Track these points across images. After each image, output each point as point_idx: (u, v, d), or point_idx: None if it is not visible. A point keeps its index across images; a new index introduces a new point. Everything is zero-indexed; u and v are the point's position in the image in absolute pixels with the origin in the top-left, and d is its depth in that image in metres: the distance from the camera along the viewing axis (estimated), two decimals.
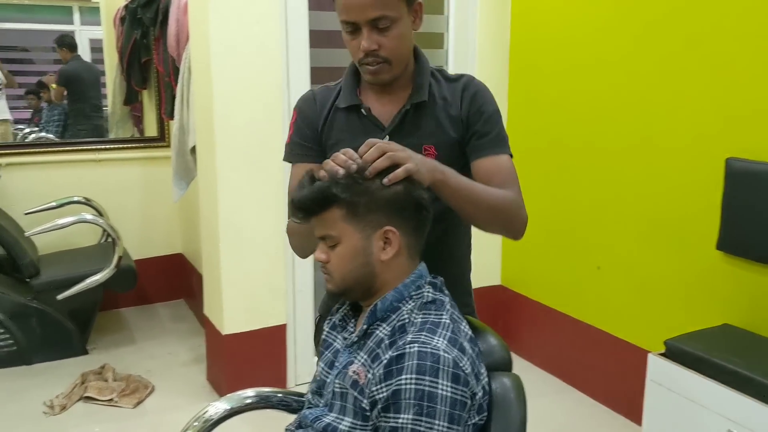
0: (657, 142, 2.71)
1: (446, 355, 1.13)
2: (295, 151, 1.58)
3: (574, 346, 3.23)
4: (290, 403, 1.51)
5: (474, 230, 3.60)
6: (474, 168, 1.50)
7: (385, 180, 1.21)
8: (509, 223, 1.51)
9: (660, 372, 2.28)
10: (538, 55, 3.30)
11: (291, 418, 1.48)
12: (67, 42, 4.81)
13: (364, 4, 1.38)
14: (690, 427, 2.18)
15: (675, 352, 2.26)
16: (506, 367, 1.32)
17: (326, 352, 1.37)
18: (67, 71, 4.87)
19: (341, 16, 1.43)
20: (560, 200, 3.23)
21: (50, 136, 4.75)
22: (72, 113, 4.91)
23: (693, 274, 2.59)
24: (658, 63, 2.67)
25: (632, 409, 2.84)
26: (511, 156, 1.53)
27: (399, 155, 1.23)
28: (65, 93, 4.87)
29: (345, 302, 1.41)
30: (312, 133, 1.57)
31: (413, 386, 1.10)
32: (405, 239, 1.25)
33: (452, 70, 3.41)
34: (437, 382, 1.11)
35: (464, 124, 1.52)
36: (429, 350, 1.13)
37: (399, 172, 1.21)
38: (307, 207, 1.24)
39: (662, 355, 2.30)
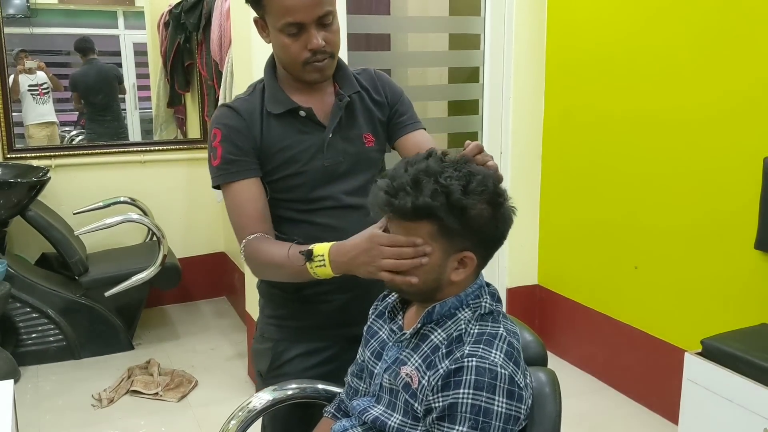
0: (694, 141, 2.70)
1: (503, 371, 1.15)
2: (232, 170, 1.49)
3: (611, 345, 3.23)
4: (333, 395, 1.56)
5: (511, 229, 3.59)
6: (403, 141, 1.63)
7: (490, 163, 1.24)
8: None
9: (697, 371, 2.27)
10: (575, 56, 3.31)
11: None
12: (79, 47, 4.91)
13: (312, 3, 1.39)
14: (727, 427, 2.17)
15: (712, 352, 2.25)
16: (541, 362, 1.35)
17: (372, 341, 1.38)
18: (74, 76, 5.00)
19: (284, 19, 1.40)
20: (597, 199, 3.23)
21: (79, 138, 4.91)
22: (86, 116, 5.04)
23: (731, 274, 2.59)
24: (695, 62, 2.67)
25: (669, 408, 2.84)
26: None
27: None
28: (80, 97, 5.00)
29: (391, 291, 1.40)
30: (247, 144, 1.49)
31: (470, 401, 1.13)
32: (478, 262, 1.24)
33: (489, 70, 3.44)
34: (493, 399, 1.13)
35: (388, 107, 1.63)
36: (487, 366, 1.14)
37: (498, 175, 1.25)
38: (403, 212, 1.18)
39: (699, 354, 2.28)
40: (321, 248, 1.35)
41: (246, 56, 2.97)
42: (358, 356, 1.44)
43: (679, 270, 2.81)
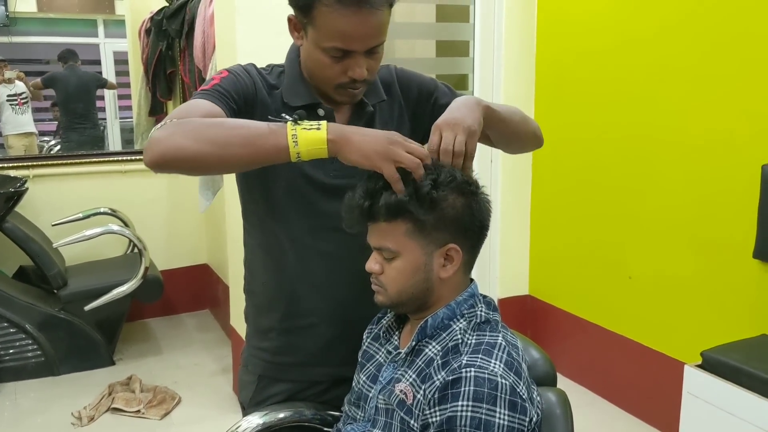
0: (690, 149, 2.66)
1: (503, 381, 1.09)
2: (215, 95, 1.29)
3: (606, 357, 3.18)
4: (325, 418, 1.48)
5: (501, 239, 3.55)
6: None
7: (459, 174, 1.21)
8: (534, 126, 1.51)
9: (697, 384, 2.23)
10: (565, 62, 3.27)
11: None
12: (60, 55, 4.92)
13: (370, 32, 1.26)
14: None
15: (712, 364, 2.21)
16: (551, 381, 1.29)
17: (368, 365, 1.33)
18: (52, 74, 4.99)
19: (333, 43, 1.25)
20: (589, 207, 3.18)
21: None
22: (62, 124, 4.97)
23: (729, 284, 2.54)
24: (689, 70, 2.63)
25: (668, 423, 2.78)
26: None
27: (461, 134, 1.20)
28: (43, 94, 4.96)
29: (387, 312, 1.37)
30: (242, 101, 1.33)
31: (469, 414, 1.07)
32: (464, 257, 1.22)
33: (478, 78, 3.39)
34: (494, 411, 1.07)
35: (412, 114, 1.49)
36: (486, 376, 1.09)
37: (467, 163, 1.21)
38: (379, 212, 1.19)
39: (699, 366, 2.24)
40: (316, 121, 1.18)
41: (230, 62, 2.88)
42: (354, 384, 1.37)
43: (675, 280, 2.76)
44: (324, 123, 1.16)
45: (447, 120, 1.22)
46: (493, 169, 3.45)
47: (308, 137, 1.14)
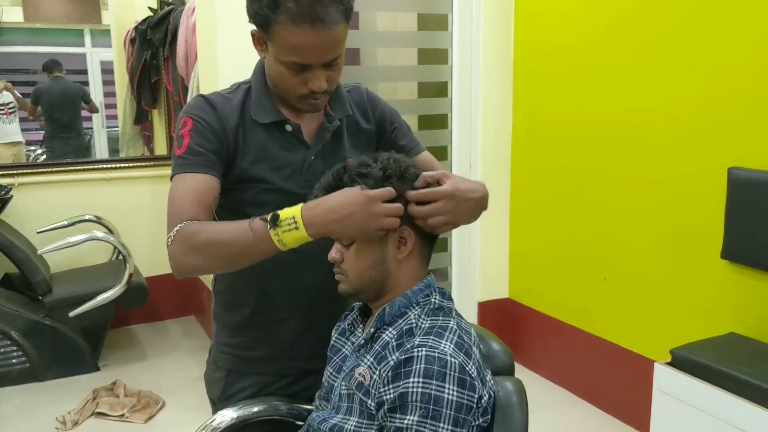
0: (660, 153, 2.72)
1: (453, 359, 1.15)
2: (195, 161, 1.36)
3: (581, 357, 3.23)
4: (299, 412, 1.53)
5: (481, 243, 3.59)
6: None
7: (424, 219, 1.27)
8: None
9: (667, 381, 2.28)
10: (542, 70, 3.33)
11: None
12: (45, 65, 4.95)
13: (325, 47, 1.31)
14: None
15: (681, 361, 2.26)
16: (509, 371, 1.34)
17: (335, 358, 1.39)
18: (38, 89, 5.01)
19: (291, 57, 1.31)
20: (566, 213, 3.24)
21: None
22: (47, 134, 4.98)
23: (698, 284, 2.60)
24: (659, 75, 2.70)
25: (640, 419, 2.84)
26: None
27: (451, 227, 1.30)
28: (38, 110, 4.98)
29: (354, 308, 1.43)
30: (217, 144, 1.39)
31: (420, 389, 1.13)
32: (419, 240, 1.29)
33: (457, 85, 3.45)
34: (444, 387, 1.13)
35: (375, 134, 1.58)
36: (437, 354, 1.15)
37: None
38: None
39: (669, 364, 2.29)
40: (288, 211, 1.22)
41: (212, 71, 2.94)
42: (323, 379, 1.42)
43: (647, 281, 2.82)
44: (298, 215, 1.21)
45: (462, 211, 1.30)
46: (472, 174, 3.50)
47: (293, 238, 1.21)
